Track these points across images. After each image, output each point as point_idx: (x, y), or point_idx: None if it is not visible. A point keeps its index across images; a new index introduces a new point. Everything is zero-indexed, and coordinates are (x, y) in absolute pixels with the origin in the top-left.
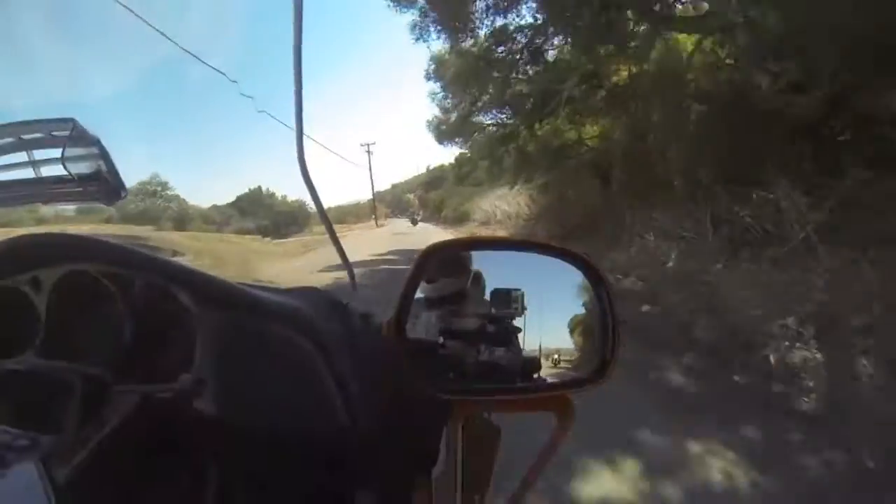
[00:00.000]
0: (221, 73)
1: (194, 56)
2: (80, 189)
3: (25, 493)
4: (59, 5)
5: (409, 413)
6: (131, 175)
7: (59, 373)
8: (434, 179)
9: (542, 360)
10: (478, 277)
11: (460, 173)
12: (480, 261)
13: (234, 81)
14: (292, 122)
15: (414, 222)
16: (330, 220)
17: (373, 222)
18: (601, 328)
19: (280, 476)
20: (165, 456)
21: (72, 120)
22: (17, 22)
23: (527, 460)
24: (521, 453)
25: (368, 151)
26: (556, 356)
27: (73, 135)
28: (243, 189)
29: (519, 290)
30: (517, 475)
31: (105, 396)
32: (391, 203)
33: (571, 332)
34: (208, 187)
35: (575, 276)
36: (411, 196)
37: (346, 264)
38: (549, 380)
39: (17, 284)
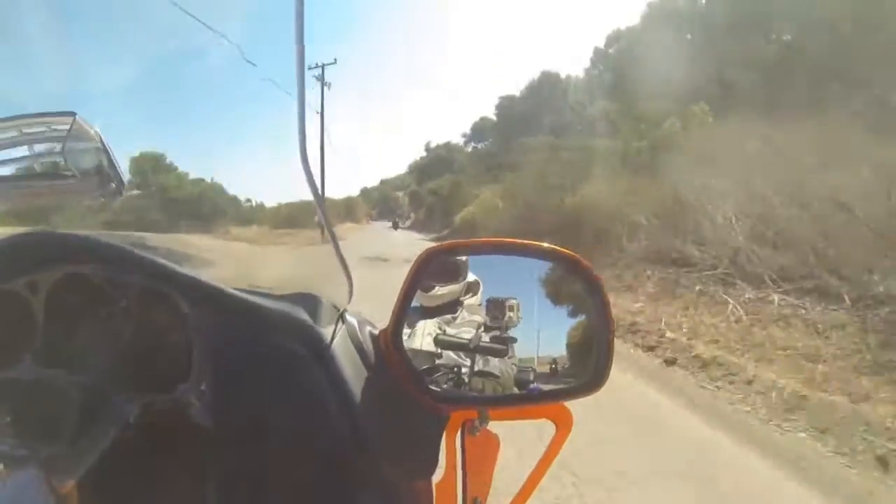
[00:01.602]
0: (224, 36)
1: (201, 22)
2: (81, 184)
3: (26, 503)
4: None
5: (406, 421)
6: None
7: (58, 383)
8: (434, 163)
9: (539, 368)
10: (473, 285)
11: (478, 152)
12: (476, 265)
13: (237, 46)
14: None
15: (395, 226)
16: (329, 216)
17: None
18: (596, 335)
19: (280, 486)
20: (164, 465)
21: (73, 113)
22: (16, 11)
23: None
24: None
25: (321, 77)
26: (552, 365)
27: (73, 129)
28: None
29: (514, 299)
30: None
31: (103, 406)
32: (378, 201)
33: (567, 338)
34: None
35: (573, 282)
36: (401, 194)
37: (346, 271)
38: (545, 389)
39: (15, 288)
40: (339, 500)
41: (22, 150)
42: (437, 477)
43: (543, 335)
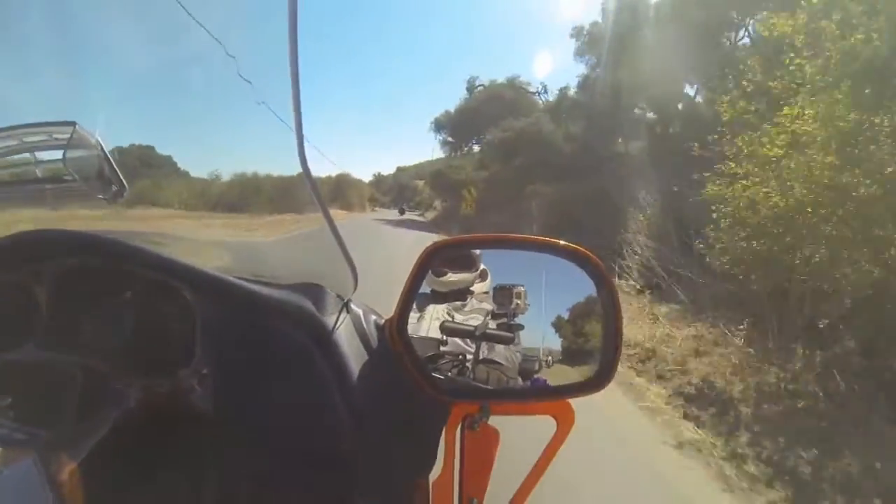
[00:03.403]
0: (219, 42)
1: (198, 22)
2: (82, 187)
3: (25, 487)
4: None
5: (408, 413)
6: None
7: (60, 365)
8: (481, 113)
9: (544, 360)
10: (484, 274)
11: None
12: (488, 258)
13: (232, 57)
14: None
15: (401, 212)
16: (325, 204)
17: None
18: (603, 331)
19: (279, 474)
20: (165, 451)
21: (73, 123)
22: (16, 20)
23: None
24: None
25: None
26: (548, 358)
27: (74, 137)
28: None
29: (521, 285)
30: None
31: (105, 390)
32: (390, 190)
33: (573, 333)
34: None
35: (582, 277)
36: (421, 183)
37: (349, 261)
38: (549, 384)
39: (19, 278)
40: (337, 493)
41: (23, 158)
42: (434, 473)
43: (552, 326)
